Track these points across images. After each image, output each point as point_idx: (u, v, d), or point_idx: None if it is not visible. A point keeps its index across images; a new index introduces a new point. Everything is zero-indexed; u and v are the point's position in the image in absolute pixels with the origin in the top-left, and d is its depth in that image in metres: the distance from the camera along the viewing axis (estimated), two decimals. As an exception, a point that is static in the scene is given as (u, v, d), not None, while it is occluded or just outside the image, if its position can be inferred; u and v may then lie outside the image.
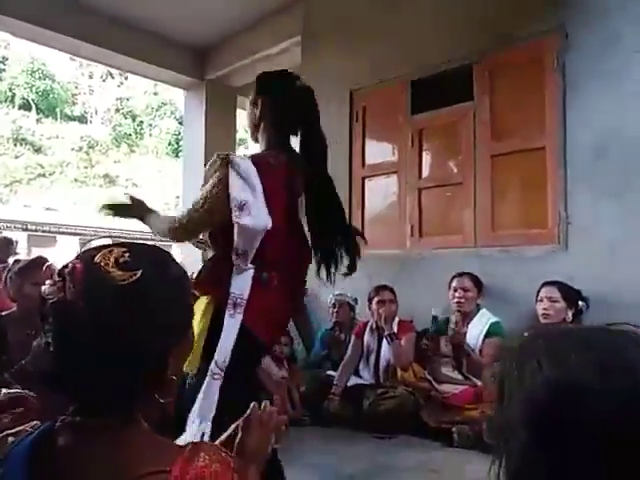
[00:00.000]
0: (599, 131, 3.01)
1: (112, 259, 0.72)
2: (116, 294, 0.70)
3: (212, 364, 1.54)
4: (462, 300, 3.19)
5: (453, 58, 3.64)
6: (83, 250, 0.76)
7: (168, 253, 0.83)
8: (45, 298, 0.75)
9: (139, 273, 0.71)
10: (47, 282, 0.77)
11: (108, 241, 0.80)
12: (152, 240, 2.11)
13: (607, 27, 2.99)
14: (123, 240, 0.79)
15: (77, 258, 0.74)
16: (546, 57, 3.24)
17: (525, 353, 0.56)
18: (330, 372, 3.56)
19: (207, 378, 1.55)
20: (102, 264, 0.71)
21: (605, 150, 2.98)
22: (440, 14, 3.71)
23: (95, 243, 0.80)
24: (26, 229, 15.67)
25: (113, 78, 24.61)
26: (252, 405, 1.09)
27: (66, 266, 0.73)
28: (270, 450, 1.06)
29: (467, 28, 3.56)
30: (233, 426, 1.07)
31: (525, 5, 3.32)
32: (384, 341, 3.33)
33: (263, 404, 1.13)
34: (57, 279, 0.73)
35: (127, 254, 0.73)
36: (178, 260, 0.84)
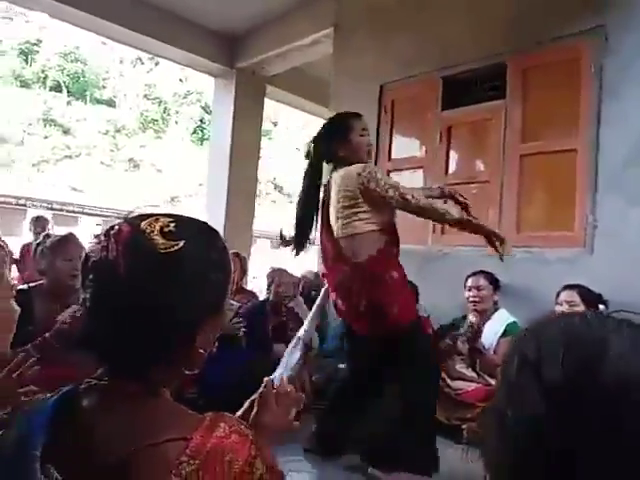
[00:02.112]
0: (633, 138, 2.95)
1: (158, 227, 0.74)
2: (155, 260, 0.72)
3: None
4: (476, 299, 3.17)
5: (487, 55, 3.60)
6: (132, 215, 0.77)
7: (214, 229, 0.84)
8: (88, 255, 0.76)
9: (181, 244, 0.73)
10: (92, 240, 0.78)
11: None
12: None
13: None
14: (171, 211, 0.81)
15: (125, 222, 0.75)
16: (583, 59, 3.18)
17: (514, 346, 0.57)
18: (342, 365, 3.55)
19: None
20: (147, 230, 0.73)
21: (638, 156, 2.92)
22: (475, 10, 3.66)
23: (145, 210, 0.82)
24: (51, 208, 15.98)
25: (143, 64, 24.82)
26: (266, 380, 1.10)
27: (112, 227, 0.74)
28: (288, 427, 1.07)
29: (502, 25, 3.51)
30: (249, 401, 1.08)
31: (564, 4, 3.26)
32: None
33: (281, 379, 1.13)
34: (102, 239, 0.74)
35: (173, 224, 0.75)
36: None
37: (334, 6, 4.76)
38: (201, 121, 24.26)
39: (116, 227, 0.74)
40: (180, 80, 24.30)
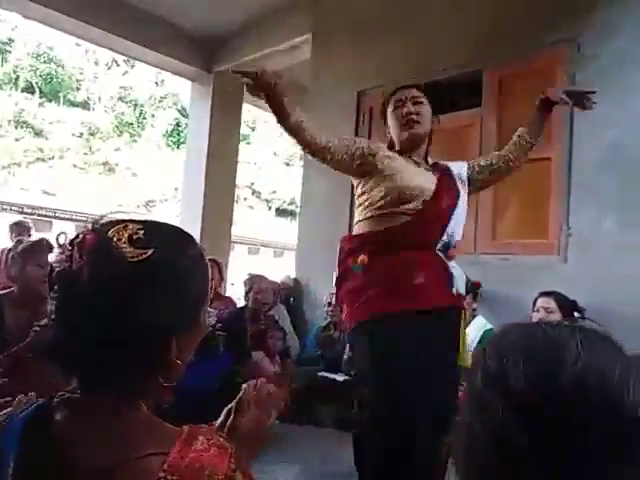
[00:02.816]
0: (605, 146, 3.02)
1: (126, 235, 0.71)
2: (123, 270, 0.69)
3: None
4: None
5: (463, 64, 3.66)
6: (99, 223, 0.74)
7: (187, 234, 0.81)
8: (52, 266, 0.74)
9: (150, 252, 0.70)
10: (56, 250, 0.75)
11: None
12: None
13: (620, 42, 3.00)
14: (142, 217, 0.77)
15: (91, 229, 0.72)
16: (557, 68, 3.26)
17: (478, 352, 0.59)
18: (324, 373, 3.54)
19: None
20: (114, 239, 0.70)
21: (610, 165, 2.99)
22: (452, 19, 3.72)
23: (113, 217, 0.78)
24: (22, 212, 15.60)
25: (118, 66, 24.53)
26: (244, 387, 1.07)
27: (77, 236, 0.72)
28: (267, 428, 1.04)
29: (479, 34, 3.57)
30: (226, 410, 1.06)
31: (539, 15, 3.33)
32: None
33: (258, 383, 1.10)
34: (67, 248, 0.72)
35: (142, 231, 0.72)
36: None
37: (313, 13, 4.78)
38: (177, 125, 24.06)
39: (80, 236, 0.71)
40: (156, 83, 24.09)
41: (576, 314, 2.83)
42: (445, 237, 1.89)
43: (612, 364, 0.50)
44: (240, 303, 4.04)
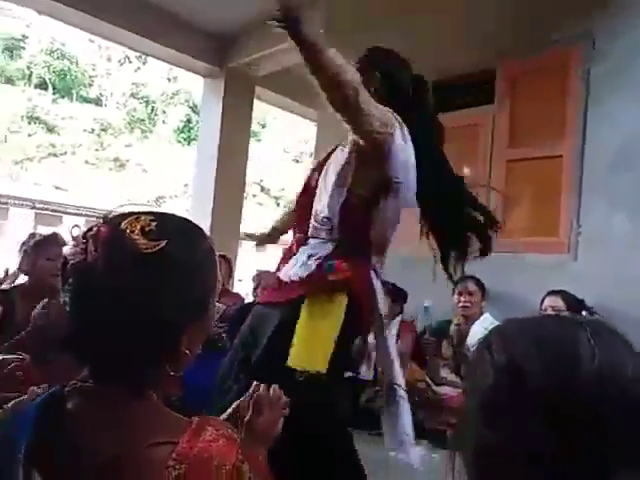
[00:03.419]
0: (618, 143, 2.99)
1: (138, 226, 0.72)
2: (136, 261, 0.70)
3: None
4: (468, 304, 3.18)
5: (476, 60, 3.63)
6: (111, 215, 0.75)
7: (198, 227, 0.83)
8: (67, 258, 0.75)
9: (163, 243, 0.71)
10: (70, 243, 0.76)
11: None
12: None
13: (636, 37, 2.97)
14: (153, 209, 0.79)
15: (104, 222, 0.74)
16: (571, 65, 3.23)
17: (480, 345, 0.58)
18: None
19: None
20: (127, 230, 0.72)
21: (623, 163, 2.96)
22: (465, 15, 3.69)
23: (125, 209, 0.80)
24: (34, 207, 15.76)
25: (131, 62, 24.61)
26: (255, 385, 1.09)
27: (90, 229, 0.73)
28: (278, 431, 1.06)
29: (492, 31, 3.54)
30: (234, 405, 1.07)
31: (553, 11, 3.30)
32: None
33: (271, 386, 1.12)
34: (81, 241, 0.73)
35: (154, 223, 0.73)
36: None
37: (324, 9, 4.77)
38: (188, 121, 24.12)
39: (95, 228, 0.72)
40: (168, 79, 24.15)
41: (584, 313, 2.81)
42: (312, 220, 1.73)
43: (625, 359, 0.50)
44: (248, 299, 4.05)
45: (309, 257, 1.67)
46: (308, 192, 1.81)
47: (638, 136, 2.93)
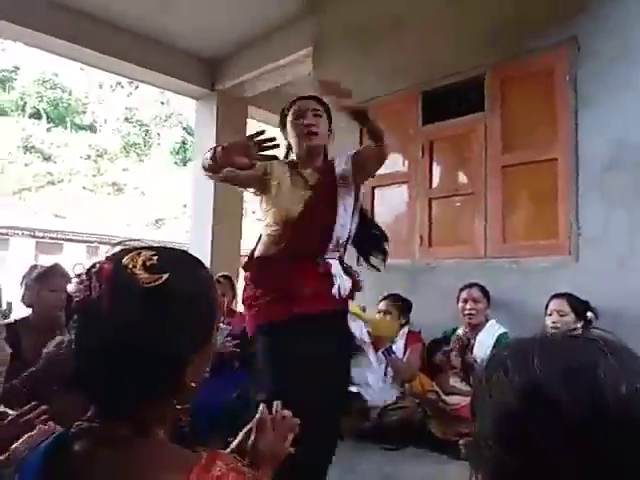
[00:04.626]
0: (611, 143, 3.01)
1: (140, 261, 0.73)
2: (140, 296, 0.71)
3: None
4: (473, 312, 3.17)
5: (465, 69, 3.66)
6: (113, 252, 0.77)
7: (197, 259, 0.83)
8: (71, 296, 0.76)
9: (165, 277, 0.72)
10: (74, 280, 0.77)
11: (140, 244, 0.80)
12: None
13: (620, 39, 3.00)
14: (153, 244, 0.80)
15: (106, 259, 0.75)
16: (558, 68, 3.25)
17: (493, 364, 0.57)
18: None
19: None
20: (130, 266, 0.72)
21: (616, 162, 2.98)
22: (452, 24, 3.73)
23: (125, 245, 0.81)
24: (34, 236, 15.77)
25: (123, 88, 24.81)
26: (262, 407, 1.09)
27: (94, 266, 0.74)
28: (285, 453, 1.06)
29: (479, 39, 3.57)
30: (245, 429, 1.07)
31: (538, 16, 3.33)
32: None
33: (275, 406, 1.12)
34: (84, 278, 0.74)
35: (155, 257, 0.74)
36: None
37: (312, 27, 4.82)
38: (183, 142, 24.25)
39: (97, 265, 0.73)
40: (161, 103, 24.32)
41: (589, 314, 2.80)
42: (332, 244, 2.08)
43: None
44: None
45: (339, 275, 2.09)
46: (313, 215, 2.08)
47: (630, 135, 2.94)
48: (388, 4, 4.15)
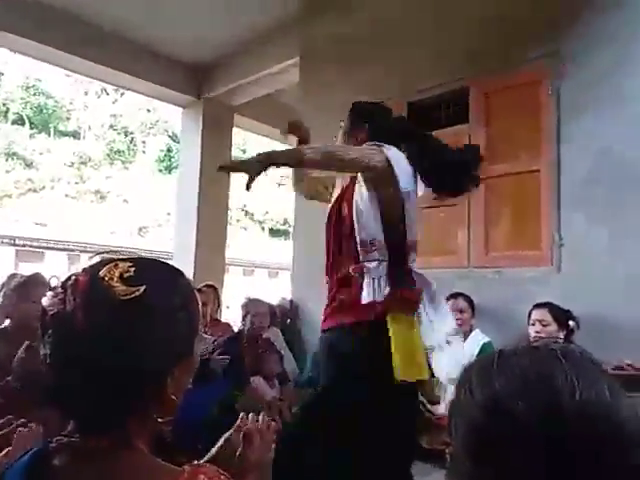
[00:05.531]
0: (593, 156, 3.06)
1: (117, 273, 0.72)
2: (116, 308, 0.69)
3: None
4: (459, 322, 3.19)
5: (450, 80, 3.71)
6: (90, 264, 0.75)
7: (176, 269, 0.82)
8: (45, 309, 0.74)
9: (142, 289, 0.71)
10: (48, 294, 0.76)
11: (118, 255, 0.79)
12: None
13: (603, 53, 3.06)
14: (132, 255, 0.78)
15: (83, 271, 0.73)
16: (541, 81, 3.31)
17: (461, 382, 0.59)
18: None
19: None
20: (106, 278, 0.71)
21: (599, 174, 3.03)
22: (437, 37, 3.79)
23: (101, 257, 0.79)
24: (14, 244, 15.50)
25: (108, 95, 24.65)
26: (242, 416, 1.08)
27: (69, 278, 0.72)
28: (271, 460, 1.05)
29: (465, 51, 3.63)
30: (222, 439, 1.06)
31: (523, 30, 3.39)
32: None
33: (260, 415, 1.12)
34: (59, 291, 0.72)
35: (132, 269, 0.73)
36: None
37: (300, 35, 4.85)
38: (168, 150, 24.11)
39: (73, 277, 0.72)
40: (147, 110, 24.21)
41: (571, 323, 2.84)
42: (360, 249, 1.92)
43: (601, 383, 0.51)
44: (236, 326, 4.01)
45: (374, 280, 1.86)
46: (336, 225, 2.02)
47: (612, 147, 3.00)
48: (373, 17, 4.20)
